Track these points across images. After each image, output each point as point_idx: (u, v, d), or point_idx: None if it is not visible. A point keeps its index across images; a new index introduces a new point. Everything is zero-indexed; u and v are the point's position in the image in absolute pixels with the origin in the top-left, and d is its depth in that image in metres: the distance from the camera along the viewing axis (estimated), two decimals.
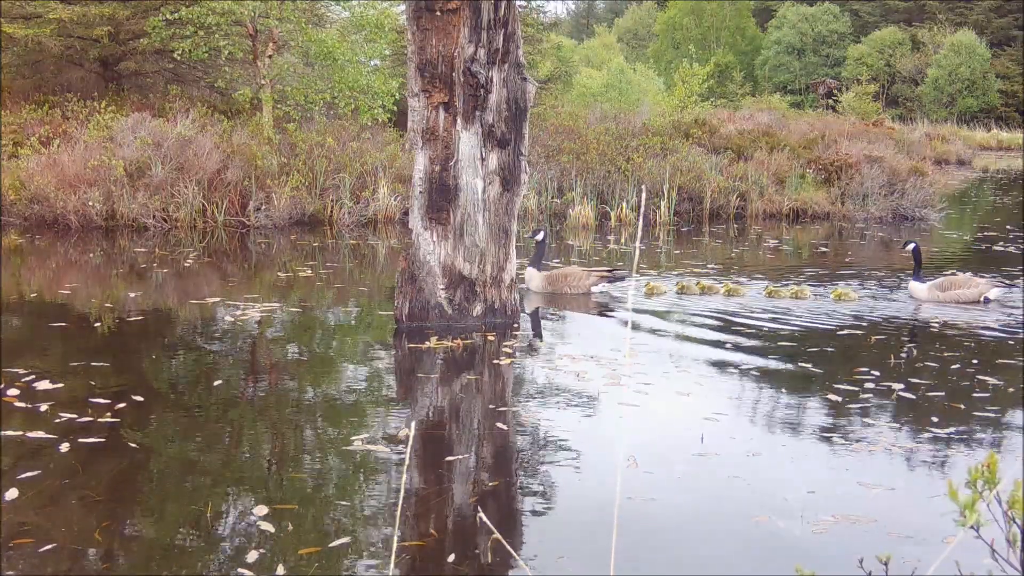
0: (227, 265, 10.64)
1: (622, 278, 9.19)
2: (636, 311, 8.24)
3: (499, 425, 5.19)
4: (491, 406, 5.60)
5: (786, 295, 8.93)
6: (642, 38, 69.48)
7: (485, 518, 3.81)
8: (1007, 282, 9.20)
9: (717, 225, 15.11)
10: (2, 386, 5.53)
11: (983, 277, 9.20)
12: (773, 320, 7.96)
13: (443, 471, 4.52)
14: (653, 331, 7.52)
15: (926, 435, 5.10)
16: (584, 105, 25.49)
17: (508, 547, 3.57)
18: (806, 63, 58.25)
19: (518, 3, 7.45)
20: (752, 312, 8.27)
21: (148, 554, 3.64)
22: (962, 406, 5.58)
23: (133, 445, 4.75)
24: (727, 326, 7.72)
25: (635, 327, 7.66)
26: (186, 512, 3.99)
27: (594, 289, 9.00)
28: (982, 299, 8.83)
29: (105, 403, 5.29)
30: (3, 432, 4.78)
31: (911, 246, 9.18)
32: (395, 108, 16.51)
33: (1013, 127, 49.71)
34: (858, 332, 7.52)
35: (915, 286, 9.00)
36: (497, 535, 3.52)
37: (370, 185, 14.13)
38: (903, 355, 6.81)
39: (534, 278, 9.02)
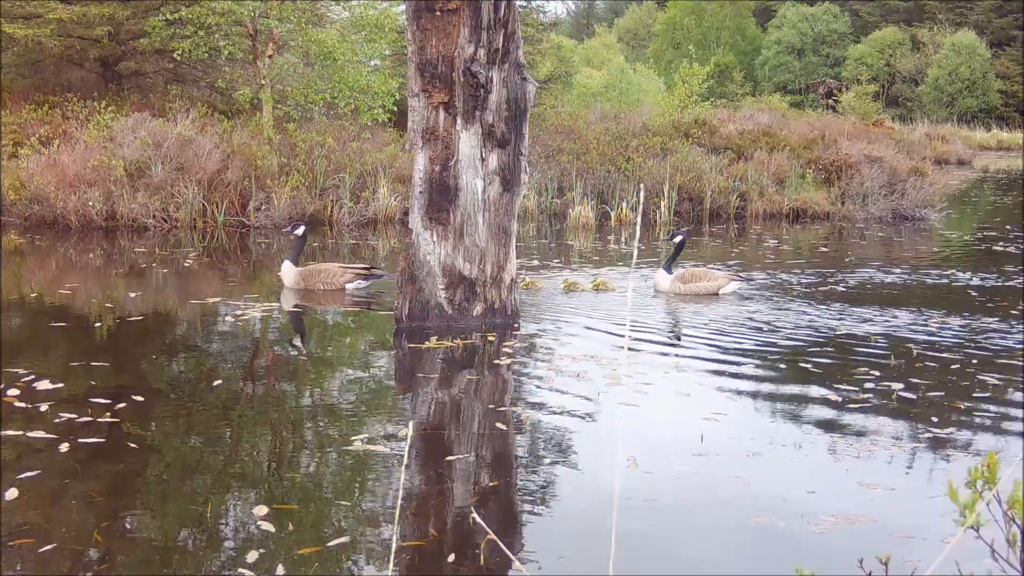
0: (227, 265, 10.64)
1: (380, 276, 9.20)
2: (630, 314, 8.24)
3: (499, 425, 5.19)
4: (491, 406, 5.60)
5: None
6: (642, 38, 69.47)
7: (480, 519, 3.81)
8: (744, 276, 9.42)
9: (717, 225, 15.11)
10: (2, 386, 5.53)
11: (721, 271, 9.48)
12: (773, 320, 7.96)
13: (443, 471, 4.52)
14: (653, 331, 7.52)
15: (926, 435, 5.09)
16: (584, 105, 25.50)
17: (504, 548, 3.57)
18: (806, 63, 58.26)
19: (518, 3, 7.45)
20: (752, 312, 8.28)
21: (148, 554, 3.64)
22: (962, 406, 5.58)
23: (133, 445, 4.74)
24: (727, 326, 7.72)
25: (635, 327, 7.66)
26: (186, 512, 3.99)
27: (349, 286, 8.96)
28: (720, 292, 9.03)
29: (105, 403, 5.29)
30: (3, 432, 4.78)
31: (679, 237, 9.24)
32: (395, 108, 16.51)
33: (1013, 127, 49.75)
34: (857, 332, 7.52)
35: (660, 277, 9.14)
36: (492, 536, 3.52)
37: (370, 185, 14.13)
38: (903, 355, 6.81)
39: (288, 273, 8.96)
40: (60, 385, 5.63)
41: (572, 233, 13.89)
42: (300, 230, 9.21)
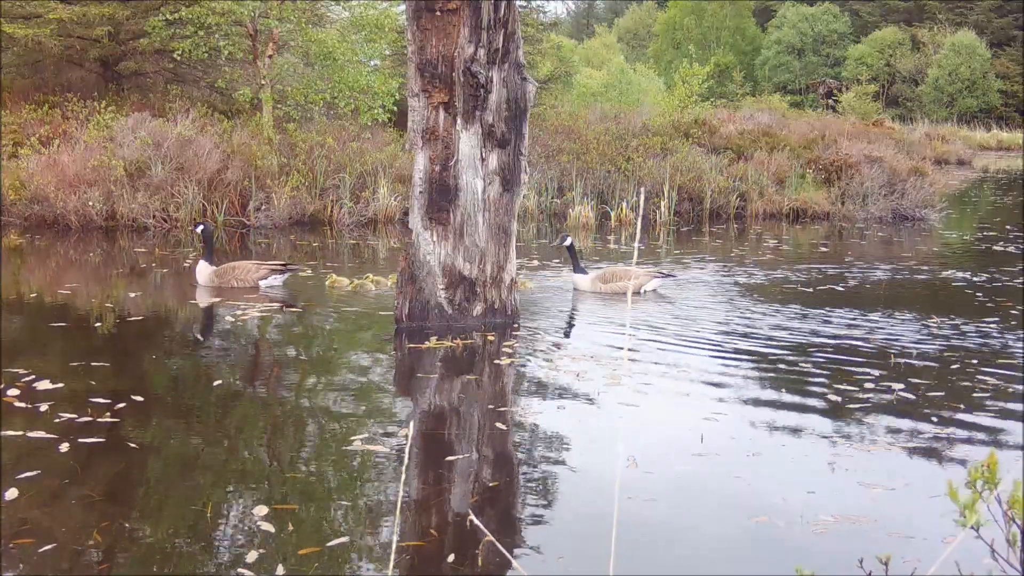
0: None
1: (296, 272, 9.23)
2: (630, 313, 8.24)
3: (499, 425, 5.19)
4: (491, 406, 5.60)
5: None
6: (642, 38, 69.47)
7: (477, 522, 3.80)
8: (664, 273, 9.43)
9: (717, 225, 15.11)
10: (2, 386, 5.53)
11: (642, 268, 9.50)
12: (772, 321, 7.96)
13: (443, 471, 4.52)
14: (653, 331, 7.52)
15: (926, 435, 5.09)
16: (584, 105, 25.48)
17: (503, 550, 3.57)
18: (806, 63, 58.25)
19: (518, 3, 7.45)
20: (751, 313, 8.28)
21: (148, 554, 3.64)
22: (962, 406, 5.58)
23: (133, 445, 4.74)
24: (727, 326, 7.72)
25: (635, 327, 7.66)
26: (186, 512, 3.99)
27: (263, 283, 8.97)
28: (641, 290, 9.07)
29: (105, 403, 5.29)
30: (3, 432, 4.78)
31: (567, 241, 9.23)
32: (395, 108, 16.51)
33: (1013, 127, 49.73)
34: (857, 332, 7.52)
35: (578, 278, 9.17)
36: (491, 537, 3.52)
37: (370, 185, 14.14)
38: (903, 355, 6.80)
39: (203, 271, 8.97)
40: (60, 385, 5.63)
41: (572, 233, 13.87)
42: (200, 228, 9.24)
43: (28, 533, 3.74)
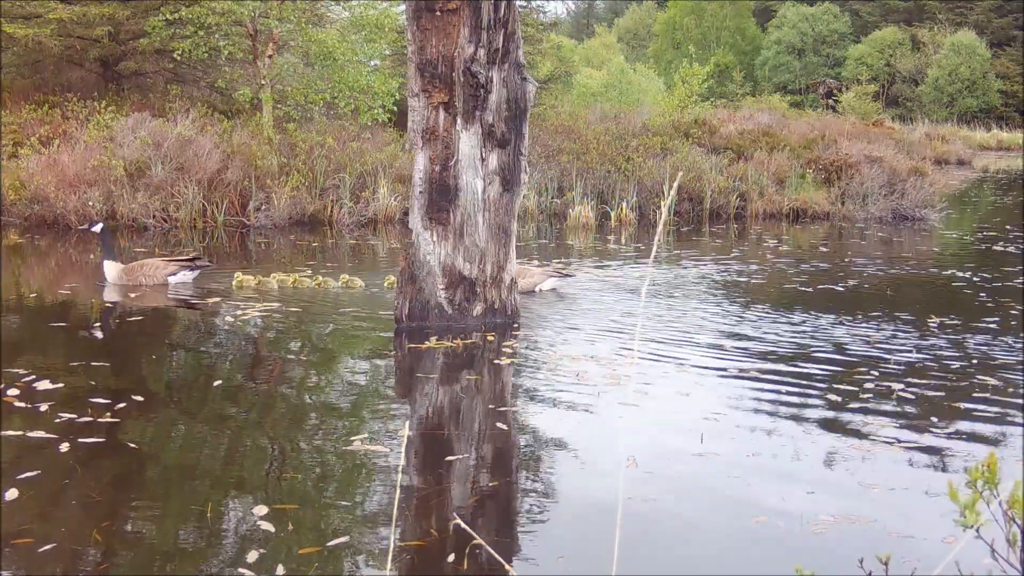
0: (227, 265, 10.62)
1: (207, 267, 9.23)
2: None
3: (499, 425, 5.19)
4: (491, 406, 5.60)
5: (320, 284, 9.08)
6: (642, 38, 69.46)
7: (464, 525, 3.79)
8: (563, 273, 9.40)
9: (717, 225, 15.11)
10: (2, 386, 5.52)
11: (542, 267, 9.48)
12: (772, 321, 7.96)
13: (443, 471, 4.52)
14: (654, 331, 7.52)
15: (926, 435, 5.09)
16: (584, 105, 25.49)
17: (493, 552, 3.57)
18: (806, 63, 58.25)
19: (518, 3, 7.45)
20: (752, 313, 8.28)
21: (148, 554, 3.64)
22: (962, 406, 5.58)
23: (133, 445, 4.75)
24: (727, 326, 7.72)
25: (633, 328, 7.66)
26: (186, 512, 3.99)
27: (171, 279, 8.94)
28: (536, 289, 9.07)
29: (105, 403, 5.29)
30: (3, 432, 4.78)
31: None
32: (395, 108, 16.51)
33: (1013, 127, 49.71)
34: (856, 333, 7.52)
35: None
36: (479, 540, 3.52)
37: (370, 185, 14.14)
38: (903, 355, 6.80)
39: (111, 270, 8.92)
40: (60, 385, 5.63)
41: (572, 233, 13.89)
42: (97, 227, 9.14)
43: (28, 533, 3.74)
